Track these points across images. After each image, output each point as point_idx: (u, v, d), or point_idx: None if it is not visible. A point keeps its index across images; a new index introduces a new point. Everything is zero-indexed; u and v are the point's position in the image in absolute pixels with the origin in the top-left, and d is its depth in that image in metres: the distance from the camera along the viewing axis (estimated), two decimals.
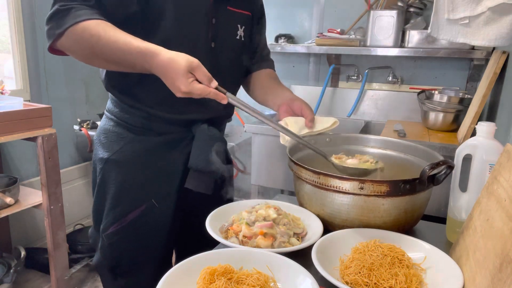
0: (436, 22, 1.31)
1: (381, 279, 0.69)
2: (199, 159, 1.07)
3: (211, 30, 1.04)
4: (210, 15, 1.03)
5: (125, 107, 1.08)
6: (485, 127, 0.84)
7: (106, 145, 1.10)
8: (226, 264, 0.69)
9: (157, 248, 1.14)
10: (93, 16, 0.89)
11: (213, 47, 1.06)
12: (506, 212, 0.61)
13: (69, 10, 0.88)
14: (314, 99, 2.48)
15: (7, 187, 1.85)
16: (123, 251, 1.11)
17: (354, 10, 2.40)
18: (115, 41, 0.87)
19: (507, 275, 0.53)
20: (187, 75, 0.84)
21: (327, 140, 1.13)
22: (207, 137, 1.08)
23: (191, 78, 0.85)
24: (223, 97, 0.89)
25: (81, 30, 0.88)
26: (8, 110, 1.75)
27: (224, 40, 1.08)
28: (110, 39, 0.87)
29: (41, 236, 2.40)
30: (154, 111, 1.06)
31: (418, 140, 1.78)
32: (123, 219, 1.08)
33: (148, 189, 1.09)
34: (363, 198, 0.83)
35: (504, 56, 1.56)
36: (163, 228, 1.13)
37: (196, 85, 0.85)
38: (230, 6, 1.08)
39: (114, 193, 1.08)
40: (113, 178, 1.09)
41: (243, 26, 1.12)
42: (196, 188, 1.08)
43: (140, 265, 1.13)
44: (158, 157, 1.08)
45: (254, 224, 0.85)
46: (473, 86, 2.18)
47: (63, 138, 2.47)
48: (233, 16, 1.10)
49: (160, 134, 1.08)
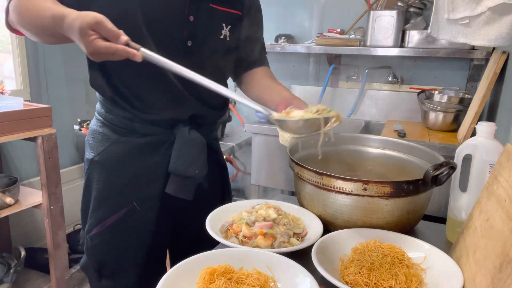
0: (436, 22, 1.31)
1: (381, 279, 0.69)
2: (178, 164, 1.04)
3: (187, 27, 1.00)
4: (187, 12, 0.99)
5: (109, 106, 1.06)
6: (485, 127, 0.84)
7: (92, 146, 1.09)
8: (226, 264, 0.69)
9: (141, 250, 1.12)
10: None
11: (190, 46, 1.02)
12: (506, 212, 0.61)
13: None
14: (314, 99, 2.48)
15: (7, 187, 1.85)
16: (106, 253, 1.10)
17: (354, 10, 2.40)
18: (38, 8, 0.87)
19: (507, 275, 0.53)
20: (88, 33, 0.77)
21: (326, 139, 1.12)
22: (188, 141, 1.05)
23: (94, 36, 0.78)
24: (134, 54, 0.80)
25: (17, 2, 0.90)
26: (8, 110, 1.75)
27: (203, 39, 1.04)
28: (35, 6, 0.87)
29: (41, 236, 2.40)
30: (135, 111, 1.04)
31: (418, 140, 1.78)
32: (105, 221, 1.06)
33: (130, 191, 1.07)
34: (366, 199, 0.83)
35: (504, 56, 1.56)
36: (146, 231, 1.10)
37: (99, 42, 0.78)
38: (213, 4, 1.04)
39: (96, 194, 1.07)
40: (96, 179, 1.08)
41: (228, 26, 1.08)
42: (175, 193, 1.06)
43: (125, 267, 1.11)
44: (141, 159, 1.06)
45: (254, 224, 0.85)
46: (473, 86, 2.18)
47: (63, 138, 2.47)
48: (215, 14, 1.05)
49: (143, 135, 1.06)
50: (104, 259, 1.11)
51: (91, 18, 0.77)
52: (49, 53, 2.41)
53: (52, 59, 2.42)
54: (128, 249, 1.10)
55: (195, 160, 1.06)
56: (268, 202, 0.96)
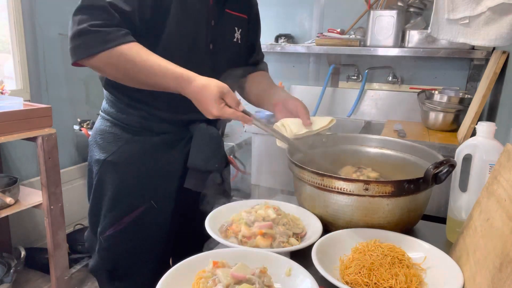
0: (436, 22, 1.31)
1: (381, 279, 0.69)
2: (198, 159, 1.06)
3: (210, 32, 1.05)
4: (210, 17, 1.04)
5: (122, 106, 1.07)
6: (485, 127, 0.84)
7: (102, 146, 1.09)
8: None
9: (155, 249, 1.13)
10: (125, 39, 0.90)
11: (212, 49, 1.06)
12: (506, 212, 0.61)
13: (99, 33, 0.88)
14: (314, 99, 2.48)
15: (7, 187, 1.85)
16: (121, 254, 1.10)
17: (354, 10, 2.40)
18: (151, 66, 0.90)
19: (507, 275, 0.53)
20: (219, 101, 0.89)
21: (323, 140, 1.12)
22: (206, 136, 1.08)
23: (223, 104, 0.90)
24: (249, 119, 0.94)
25: (116, 55, 0.89)
26: (8, 110, 1.75)
27: (222, 43, 1.09)
28: (146, 64, 0.90)
29: (41, 236, 2.40)
30: (152, 111, 1.05)
31: (418, 140, 1.78)
32: (121, 221, 1.07)
33: (147, 190, 1.08)
34: (367, 199, 0.83)
35: (504, 56, 1.55)
36: (162, 230, 1.12)
37: (227, 109, 0.91)
38: (228, 9, 1.09)
39: (111, 195, 1.07)
40: (110, 180, 1.08)
41: (240, 29, 1.13)
42: (195, 187, 1.08)
43: (138, 268, 1.12)
44: (156, 157, 1.08)
45: (253, 224, 0.85)
46: (473, 86, 2.18)
47: (63, 138, 2.47)
48: (231, 19, 1.10)
49: (158, 134, 1.08)
50: (118, 259, 1.11)
51: (224, 87, 0.90)
52: (49, 53, 2.41)
53: (52, 59, 2.42)
54: (143, 248, 1.11)
55: (214, 154, 1.09)
56: (268, 202, 0.96)
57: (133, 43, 0.91)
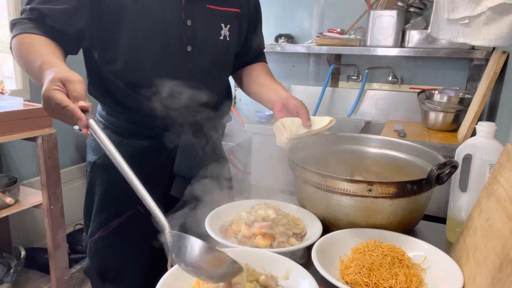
0: (436, 22, 1.30)
1: (381, 279, 0.69)
2: (184, 166, 1.04)
3: (186, 33, 0.98)
4: (184, 16, 0.97)
5: (109, 110, 1.06)
6: (485, 127, 0.84)
7: (94, 148, 1.08)
8: None
9: (145, 254, 1.10)
10: (28, 30, 0.91)
11: (190, 51, 1.00)
12: (506, 212, 0.61)
13: (16, 23, 0.94)
14: (314, 99, 2.48)
15: (7, 187, 1.85)
16: (109, 257, 1.09)
17: (354, 10, 2.40)
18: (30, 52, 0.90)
19: (507, 275, 0.53)
20: (55, 82, 0.76)
21: (322, 140, 1.12)
22: (192, 142, 1.05)
23: (58, 87, 0.76)
24: (80, 118, 0.75)
25: (16, 42, 0.92)
26: (8, 110, 1.75)
27: (203, 42, 1.02)
28: (28, 51, 0.90)
29: (41, 236, 2.40)
30: (135, 115, 1.03)
31: (418, 140, 1.78)
32: (108, 224, 1.06)
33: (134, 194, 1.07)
34: (371, 200, 0.83)
35: (504, 56, 1.56)
36: (150, 234, 1.10)
37: (57, 93, 0.75)
38: (211, 4, 1.01)
39: (99, 197, 1.07)
40: (99, 182, 1.07)
41: (228, 25, 1.05)
42: (181, 195, 1.05)
43: (129, 271, 1.11)
44: (145, 161, 1.04)
45: (253, 224, 0.85)
46: (473, 86, 2.18)
47: (63, 138, 2.47)
48: (214, 15, 1.02)
49: (146, 137, 1.05)
50: (107, 263, 1.10)
51: (73, 76, 0.77)
52: None
53: None
54: (132, 252, 1.09)
55: (199, 162, 1.05)
56: (268, 202, 0.96)
57: (32, 34, 0.91)
